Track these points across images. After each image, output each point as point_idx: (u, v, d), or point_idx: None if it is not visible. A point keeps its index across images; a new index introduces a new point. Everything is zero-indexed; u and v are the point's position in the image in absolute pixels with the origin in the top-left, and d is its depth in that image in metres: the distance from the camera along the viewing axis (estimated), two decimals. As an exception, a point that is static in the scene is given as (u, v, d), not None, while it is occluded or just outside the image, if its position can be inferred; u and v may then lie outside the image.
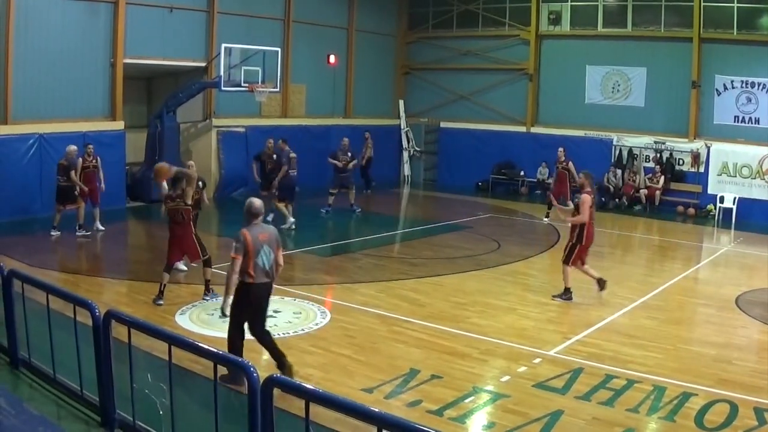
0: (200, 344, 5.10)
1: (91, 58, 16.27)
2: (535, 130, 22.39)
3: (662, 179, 19.56)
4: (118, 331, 5.38)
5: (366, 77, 23.63)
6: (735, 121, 19.05)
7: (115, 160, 16.12)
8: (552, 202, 10.62)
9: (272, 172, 15.15)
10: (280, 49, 18.99)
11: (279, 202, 14.86)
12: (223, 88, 17.53)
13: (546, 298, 10.39)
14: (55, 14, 15.48)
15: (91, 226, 13.95)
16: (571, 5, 21.76)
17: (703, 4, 19.12)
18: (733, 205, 18.48)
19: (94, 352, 5.49)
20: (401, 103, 24.90)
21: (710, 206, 18.94)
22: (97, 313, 5.48)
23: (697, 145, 19.47)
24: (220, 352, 5.08)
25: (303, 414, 4.04)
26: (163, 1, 17.48)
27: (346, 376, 7.18)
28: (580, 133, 20.98)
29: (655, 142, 20.13)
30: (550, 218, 16.91)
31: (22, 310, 6.45)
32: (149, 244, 14.25)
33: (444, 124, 24.06)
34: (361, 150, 20.50)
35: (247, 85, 17.56)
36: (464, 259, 13.09)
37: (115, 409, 5.46)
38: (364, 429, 3.99)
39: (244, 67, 17.59)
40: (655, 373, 7.44)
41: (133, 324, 5.36)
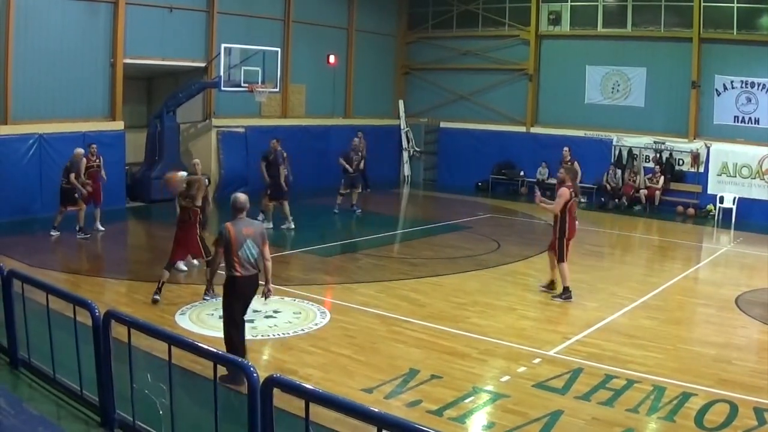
0: (200, 344, 5.10)
1: (91, 58, 16.27)
2: (534, 130, 22.39)
3: (662, 179, 19.54)
4: (118, 331, 5.38)
5: (366, 77, 23.62)
6: (735, 121, 19.04)
7: (115, 160, 16.10)
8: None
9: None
10: (279, 49, 18.98)
11: (270, 201, 14.82)
12: (223, 89, 17.53)
13: (546, 298, 10.39)
14: (55, 14, 15.48)
15: (92, 227, 13.95)
16: (571, 5, 21.76)
17: (703, 4, 19.11)
18: (733, 205, 18.47)
19: (93, 352, 5.49)
20: (401, 103, 24.89)
21: (710, 206, 18.92)
22: (97, 313, 5.48)
23: (697, 145, 19.46)
24: (220, 352, 5.09)
25: (303, 414, 4.04)
26: (163, 1, 17.47)
27: (346, 376, 7.18)
28: (580, 133, 20.95)
29: (655, 142, 20.11)
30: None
31: (22, 310, 6.45)
32: (149, 244, 14.27)
33: (444, 124, 24.04)
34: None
35: (246, 85, 17.55)
36: (464, 259, 13.08)
37: (115, 409, 5.46)
38: (364, 429, 3.99)
39: (243, 67, 17.60)
40: (654, 373, 7.44)
41: (132, 324, 5.36)
